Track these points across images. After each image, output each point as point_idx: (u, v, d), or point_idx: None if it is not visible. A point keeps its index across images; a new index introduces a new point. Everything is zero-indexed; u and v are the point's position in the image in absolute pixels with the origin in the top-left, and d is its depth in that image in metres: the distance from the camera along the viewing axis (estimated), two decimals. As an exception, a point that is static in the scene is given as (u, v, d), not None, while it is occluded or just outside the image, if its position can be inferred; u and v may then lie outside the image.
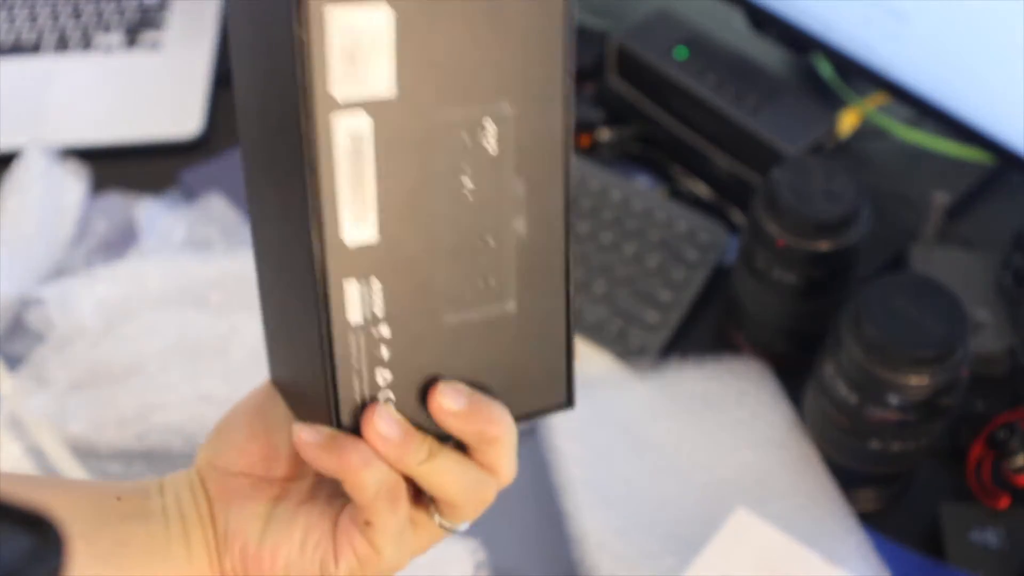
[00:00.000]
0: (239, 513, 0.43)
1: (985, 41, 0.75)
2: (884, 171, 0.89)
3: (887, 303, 0.62)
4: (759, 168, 0.83)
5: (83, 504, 0.42)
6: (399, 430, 0.39)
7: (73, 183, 0.88)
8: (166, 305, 0.80)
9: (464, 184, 0.39)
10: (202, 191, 0.89)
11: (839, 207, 0.68)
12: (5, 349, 0.80)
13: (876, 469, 0.68)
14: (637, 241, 0.83)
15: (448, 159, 0.39)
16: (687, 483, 0.71)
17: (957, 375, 0.62)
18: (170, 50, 1.03)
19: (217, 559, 0.43)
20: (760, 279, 0.72)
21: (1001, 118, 0.77)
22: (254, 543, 0.42)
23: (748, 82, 0.86)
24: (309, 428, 0.39)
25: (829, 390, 0.66)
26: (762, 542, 0.59)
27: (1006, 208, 0.87)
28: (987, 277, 0.79)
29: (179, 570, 0.42)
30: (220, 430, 0.45)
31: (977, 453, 0.71)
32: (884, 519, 0.70)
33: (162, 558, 0.42)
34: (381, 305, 0.39)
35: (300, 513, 0.42)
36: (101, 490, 0.44)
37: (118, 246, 0.86)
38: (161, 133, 0.96)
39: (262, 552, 0.42)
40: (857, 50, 0.85)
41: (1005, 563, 0.67)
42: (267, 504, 0.43)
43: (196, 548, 0.43)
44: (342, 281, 0.39)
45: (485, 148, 0.39)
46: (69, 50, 1.03)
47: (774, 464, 0.71)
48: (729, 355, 0.77)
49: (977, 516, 0.69)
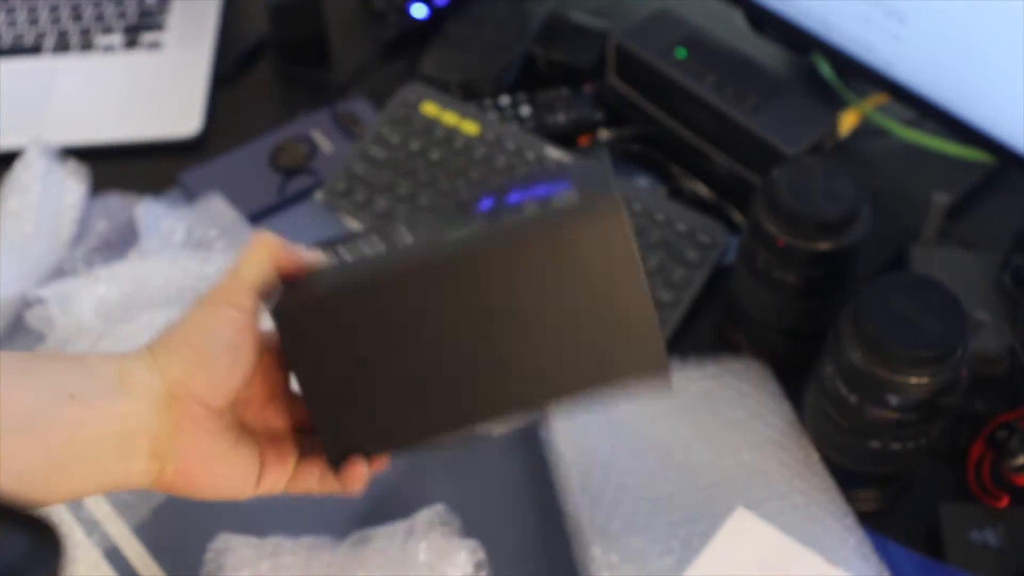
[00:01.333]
0: (194, 438, 0.50)
1: (985, 41, 0.75)
2: (884, 171, 0.89)
3: (887, 303, 0.62)
4: (759, 168, 0.83)
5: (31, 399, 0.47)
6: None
7: (73, 183, 0.88)
8: (166, 305, 0.80)
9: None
10: (202, 191, 0.89)
11: (839, 207, 0.68)
12: (5, 349, 0.80)
13: (876, 469, 0.68)
14: (637, 241, 0.83)
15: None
16: (687, 483, 0.71)
17: (957, 375, 0.62)
18: (170, 50, 1.04)
19: (158, 468, 0.50)
20: (760, 279, 0.73)
21: (1001, 118, 0.77)
22: (198, 464, 0.51)
23: (748, 82, 0.86)
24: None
25: (829, 390, 0.66)
26: (762, 542, 0.59)
27: (1006, 208, 0.87)
28: (987, 277, 0.79)
29: (123, 469, 0.49)
30: (197, 360, 0.50)
31: (977, 453, 0.71)
32: (884, 519, 0.70)
33: (112, 458, 0.48)
34: None
35: (240, 442, 0.52)
36: (56, 384, 0.48)
37: (118, 246, 0.86)
38: (161, 133, 0.96)
39: (201, 470, 0.51)
40: (857, 50, 0.85)
41: (1005, 563, 0.67)
42: (219, 433, 0.51)
43: (141, 457, 0.49)
44: None
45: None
46: (69, 51, 1.04)
47: (774, 464, 0.71)
48: (729, 355, 0.77)
49: (977, 516, 0.69)
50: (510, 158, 0.88)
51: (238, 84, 1.02)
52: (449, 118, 0.91)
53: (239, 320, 0.50)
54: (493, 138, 0.89)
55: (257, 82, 1.03)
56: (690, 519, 0.69)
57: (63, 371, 0.49)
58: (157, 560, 0.70)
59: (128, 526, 0.72)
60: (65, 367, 0.49)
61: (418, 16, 1.03)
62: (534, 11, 1.00)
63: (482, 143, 0.89)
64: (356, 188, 0.89)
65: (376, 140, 0.91)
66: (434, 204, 0.87)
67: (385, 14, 1.04)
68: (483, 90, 0.96)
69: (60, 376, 0.48)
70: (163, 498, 0.73)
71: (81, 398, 0.48)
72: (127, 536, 0.71)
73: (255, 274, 0.51)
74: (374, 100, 0.97)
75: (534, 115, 0.94)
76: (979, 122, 0.79)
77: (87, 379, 0.48)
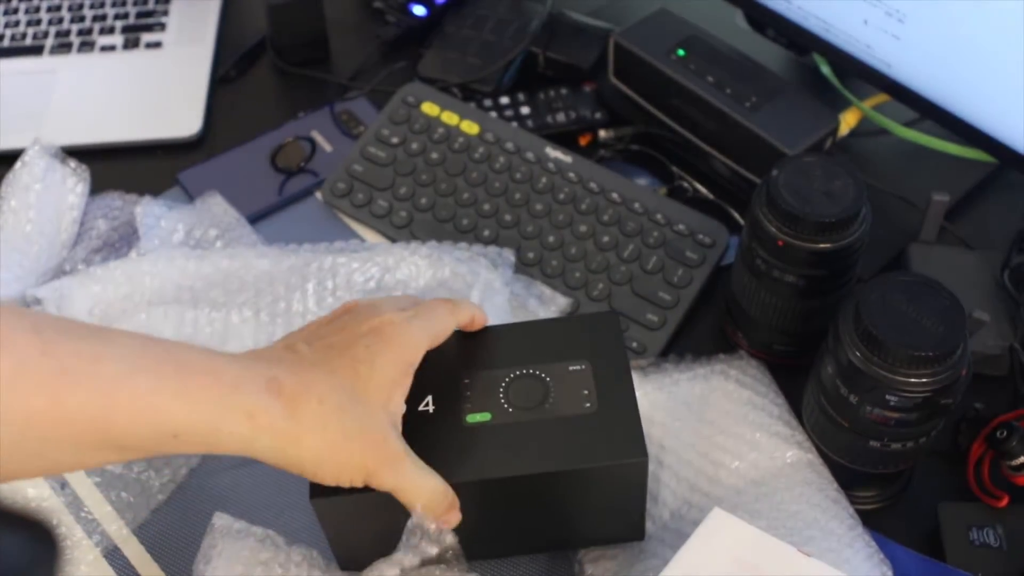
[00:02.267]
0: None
1: (985, 41, 0.75)
2: (884, 171, 0.89)
3: (886, 303, 0.62)
4: (759, 168, 0.83)
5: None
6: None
7: (73, 183, 0.88)
8: (163, 304, 0.80)
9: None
10: (201, 191, 0.89)
11: (839, 207, 0.68)
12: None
13: (876, 469, 0.68)
14: (637, 241, 0.83)
15: None
16: (686, 483, 0.71)
17: (957, 375, 0.62)
18: (170, 50, 1.04)
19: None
20: (760, 279, 0.72)
21: (1001, 118, 0.77)
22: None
23: (748, 82, 0.86)
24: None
25: (829, 390, 0.66)
26: (738, 540, 0.59)
27: (1006, 208, 0.87)
28: (987, 277, 0.79)
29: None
30: (336, 452, 0.56)
31: (977, 453, 0.71)
32: (884, 519, 0.70)
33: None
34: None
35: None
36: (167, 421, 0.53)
37: (118, 246, 0.86)
38: (161, 133, 0.96)
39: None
40: (857, 50, 0.85)
41: (1005, 563, 0.67)
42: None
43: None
44: None
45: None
46: (69, 51, 1.04)
47: (774, 464, 0.71)
48: (729, 355, 0.77)
49: (977, 516, 0.69)
50: (510, 158, 0.88)
51: (238, 84, 1.02)
52: (449, 118, 0.91)
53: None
54: (493, 138, 0.89)
55: (257, 82, 1.03)
56: (689, 519, 0.69)
57: (188, 405, 0.52)
58: (157, 560, 0.70)
59: (128, 526, 0.72)
60: (191, 402, 0.52)
61: (418, 16, 1.03)
62: (534, 11, 1.00)
63: (482, 143, 0.89)
64: (356, 188, 0.89)
65: (376, 140, 0.91)
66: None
67: (385, 14, 1.04)
68: (483, 90, 0.96)
69: (181, 412, 0.52)
70: (163, 498, 0.73)
71: (187, 437, 0.52)
72: (127, 536, 0.71)
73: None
74: (374, 100, 0.97)
75: (534, 115, 0.94)
76: (979, 122, 0.79)
77: (212, 420, 0.53)
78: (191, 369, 0.53)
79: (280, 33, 1.01)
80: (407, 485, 0.57)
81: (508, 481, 0.60)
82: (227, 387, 0.53)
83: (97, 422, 0.50)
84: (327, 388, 0.55)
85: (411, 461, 0.57)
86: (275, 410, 0.53)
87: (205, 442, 0.53)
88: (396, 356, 0.59)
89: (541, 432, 0.61)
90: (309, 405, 0.54)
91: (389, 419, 0.58)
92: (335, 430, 0.55)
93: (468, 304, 0.65)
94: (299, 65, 1.02)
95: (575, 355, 0.64)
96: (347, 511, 0.60)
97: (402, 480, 0.57)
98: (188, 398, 0.52)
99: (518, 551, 0.68)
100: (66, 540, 0.71)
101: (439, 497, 0.58)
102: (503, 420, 0.61)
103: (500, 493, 0.61)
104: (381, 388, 0.58)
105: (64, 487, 0.73)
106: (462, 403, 0.62)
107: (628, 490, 0.62)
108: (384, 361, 0.58)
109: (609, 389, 0.62)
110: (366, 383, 0.57)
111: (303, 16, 1.01)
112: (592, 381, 0.63)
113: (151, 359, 0.52)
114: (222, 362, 0.55)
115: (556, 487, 0.61)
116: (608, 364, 0.63)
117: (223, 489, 0.73)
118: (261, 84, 1.03)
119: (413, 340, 0.60)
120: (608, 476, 0.60)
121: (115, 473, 0.74)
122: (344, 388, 0.56)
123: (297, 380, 0.55)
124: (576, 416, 0.61)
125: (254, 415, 0.53)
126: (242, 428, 0.53)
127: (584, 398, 0.62)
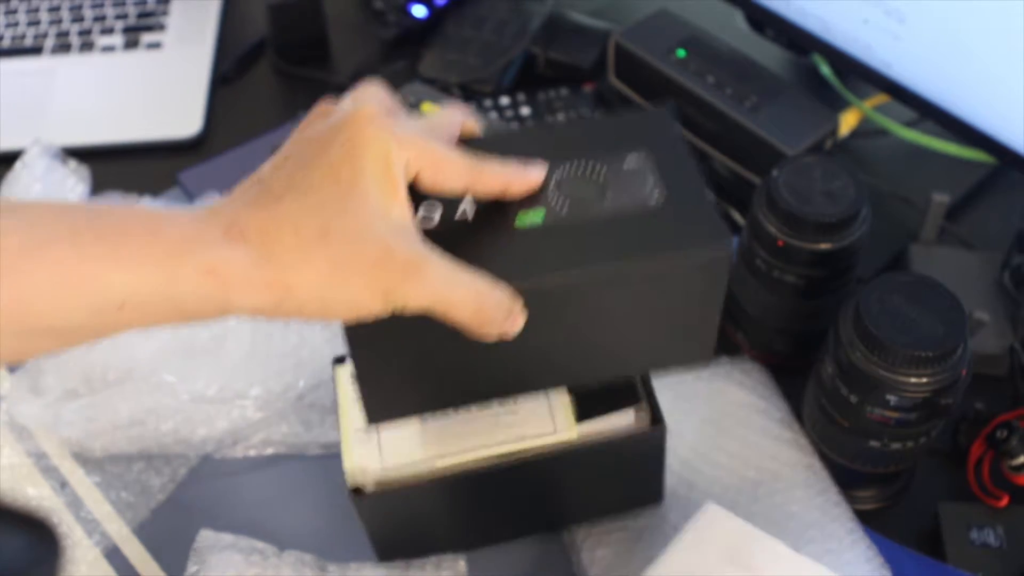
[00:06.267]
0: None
1: (985, 41, 0.75)
2: (884, 171, 0.89)
3: (887, 303, 0.62)
4: (759, 168, 0.83)
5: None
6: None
7: (73, 183, 0.88)
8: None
9: None
10: (201, 191, 0.89)
11: (839, 207, 0.68)
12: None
13: (876, 469, 0.68)
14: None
15: None
16: (686, 483, 0.71)
17: (957, 375, 0.62)
18: (170, 50, 1.04)
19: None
20: (760, 279, 0.72)
21: (1001, 118, 0.77)
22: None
23: (748, 82, 0.86)
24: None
25: (829, 390, 0.66)
26: (730, 534, 0.59)
27: (1006, 208, 0.87)
28: (987, 277, 0.79)
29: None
30: (327, 281, 0.46)
31: (977, 453, 0.71)
32: (884, 519, 0.70)
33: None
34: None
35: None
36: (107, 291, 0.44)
37: (118, 246, 0.86)
38: (161, 133, 0.96)
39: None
40: (857, 50, 0.85)
41: (1005, 563, 0.67)
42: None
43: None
44: None
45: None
46: (70, 51, 1.04)
47: (773, 463, 0.71)
48: (729, 355, 0.77)
49: (977, 516, 0.69)
50: (510, 158, 0.88)
51: (238, 84, 1.02)
52: (449, 118, 0.91)
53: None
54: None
55: (257, 82, 1.03)
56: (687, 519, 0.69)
57: (133, 278, 0.44)
58: (157, 560, 0.70)
59: (128, 526, 0.72)
60: (138, 275, 0.44)
61: (418, 16, 1.03)
62: (534, 11, 1.00)
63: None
64: (356, 188, 0.89)
65: (376, 140, 0.90)
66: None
67: (385, 14, 1.04)
68: (483, 90, 0.96)
69: (124, 283, 0.44)
70: (163, 498, 0.73)
71: (135, 308, 0.44)
72: (127, 536, 0.71)
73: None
74: (374, 100, 0.97)
75: (534, 115, 0.94)
76: (979, 122, 0.79)
77: (162, 291, 0.44)
78: (121, 230, 0.44)
79: (280, 33, 1.01)
80: (442, 292, 0.46)
81: (578, 281, 0.50)
82: (173, 242, 0.44)
83: (10, 305, 0.43)
84: (302, 213, 0.45)
85: (437, 263, 0.46)
86: (241, 258, 0.44)
87: (161, 311, 0.45)
88: (384, 147, 0.47)
89: (607, 228, 0.51)
90: (283, 240, 0.45)
91: (392, 226, 0.46)
92: (323, 259, 0.45)
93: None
94: (299, 65, 1.02)
95: (631, 147, 0.54)
96: (389, 355, 0.51)
97: (432, 288, 0.46)
98: (123, 262, 0.44)
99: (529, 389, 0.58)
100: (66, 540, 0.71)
101: (490, 298, 0.47)
102: (559, 221, 0.51)
103: (566, 301, 0.51)
104: (372, 192, 0.46)
105: (64, 487, 0.73)
106: (506, 205, 0.52)
107: (697, 290, 0.53)
108: (370, 156, 0.46)
109: (674, 179, 0.53)
110: (350, 190, 0.46)
111: (303, 16, 1.01)
112: (655, 171, 0.53)
113: (66, 227, 0.44)
114: (164, 219, 0.46)
115: (629, 288, 0.51)
116: (669, 153, 0.54)
117: (223, 489, 0.73)
118: (261, 84, 1.03)
119: (403, 127, 0.48)
120: (688, 268, 0.52)
121: (115, 473, 0.74)
122: (325, 205, 0.45)
123: (264, 216, 0.45)
124: (643, 208, 0.52)
125: (215, 269, 0.44)
126: (204, 287, 0.44)
127: (649, 190, 0.53)
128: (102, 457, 0.74)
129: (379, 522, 0.64)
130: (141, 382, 0.75)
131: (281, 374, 0.76)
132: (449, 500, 0.64)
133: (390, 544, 0.66)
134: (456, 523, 0.67)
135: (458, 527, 0.67)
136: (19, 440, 0.75)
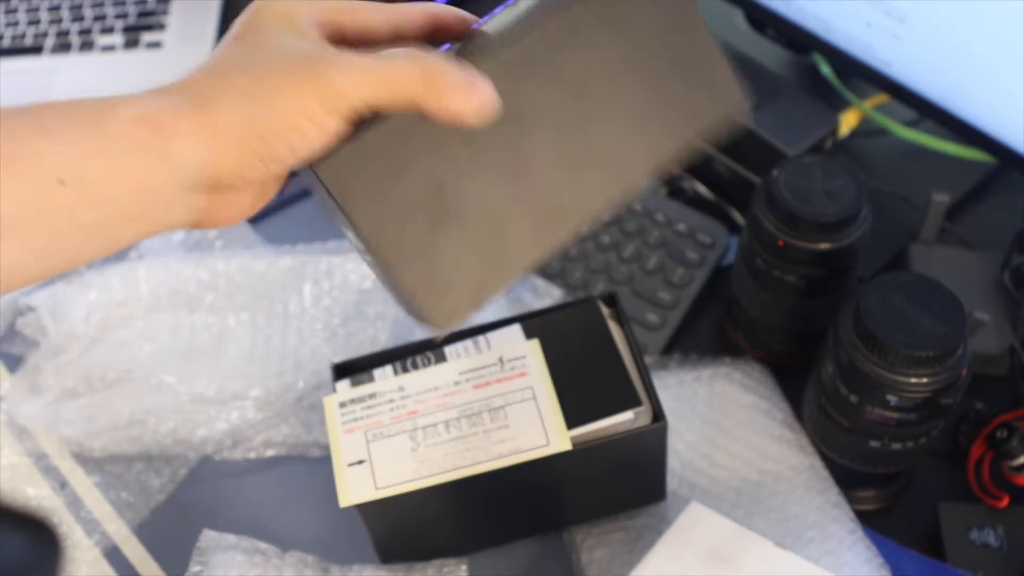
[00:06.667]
0: (224, 211, 0.48)
1: (985, 41, 0.75)
2: (884, 171, 0.89)
3: (887, 303, 0.62)
4: (759, 168, 0.83)
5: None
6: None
7: (73, 183, 0.88)
8: (159, 308, 0.79)
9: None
10: (202, 191, 0.89)
11: (839, 207, 0.68)
12: (4, 352, 0.80)
13: (876, 469, 0.68)
14: (637, 241, 0.83)
15: None
16: (686, 483, 0.71)
17: (957, 375, 0.62)
18: (170, 50, 1.04)
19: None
20: (760, 279, 0.72)
21: (1001, 118, 0.77)
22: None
23: (748, 82, 0.85)
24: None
25: (829, 390, 0.66)
26: (714, 533, 0.59)
27: (1006, 208, 0.87)
28: (987, 277, 0.79)
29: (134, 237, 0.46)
30: (258, 155, 0.45)
31: (977, 453, 0.71)
32: (884, 519, 0.70)
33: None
34: None
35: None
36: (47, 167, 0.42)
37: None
38: (161, 133, 0.96)
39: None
40: (857, 50, 0.85)
41: (1005, 563, 0.67)
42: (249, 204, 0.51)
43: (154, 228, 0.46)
44: None
45: None
46: (70, 51, 1.04)
47: (774, 464, 0.71)
48: (729, 355, 0.77)
49: (977, 516, 0.69)
50: (510, 158, 0.88)
51: (238, 84, 1.02)
52: (449, 118, 0.90)
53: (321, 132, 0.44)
54: (493, 138, 0.89)
55: (257, 82, 1.03)
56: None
57: (64, 145, 0.42)
58: (157, 560, 0.70)
59: (128, 526, 0.72)
60: (68, 140, 0.42)
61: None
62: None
63: (482, 143, 0.89)
64: (356, 188, 0.88)
65: (376, 140, 0.90)
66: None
67: (385, 14, 1.04)
68: (483, 90, 0.96)
69: (56, 152, 0.42)
70: (163, 498, 0.73)
71: (77, 182, 0.42)
72: (127, 536, 0.71)
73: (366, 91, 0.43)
74: (374, 100, 0.97)
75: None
76: (979, 122, 0.79)
77: (97, 154, 0.42)
78: (47, 108, 0.43)
79: (280, 33, 1.01)
80: (376, 68, 0.43)
81: (536, 37, 0.45)
82: (98, 105, 0.44)
83: None
84: (217, 65, 0.46)
85: (363, 55, 0.44)
86: (167, 104, 0.45)
87: (104, 182, 0.43)
88: (285, 7, 0.47)
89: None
90: (201, 83, 0.46)
91: (308, 42, 0.45)
92: (241, 78, 0.45)
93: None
94: (299, 65, 1.02)
95: None
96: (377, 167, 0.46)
97: (363, 67, 0.43)
98: (52, 132, 0.42)
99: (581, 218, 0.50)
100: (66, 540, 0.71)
101: (433, 64, 0.43)
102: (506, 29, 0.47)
103: (533, 64, 0.46)
104: (282, 36, 0.46)
105: (64, 487, 0.73)
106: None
107: (671, 23, 0.50)
108: (272, 15, 0.47)
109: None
110: (263, 41, 0.46)
111: (303, 16, 1.00)
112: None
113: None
114: (87, 98, 0.45)
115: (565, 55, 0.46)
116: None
117: (224, 489, 0.73)
118: (261, 84, 1.02)
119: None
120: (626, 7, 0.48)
121: (115, 473, 0.74)
122: (240, 55, 0.46)
123: (184, 77, 0.46)
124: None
125: (144, 118, 0.44)
126: (138, 139, 0.43)
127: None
128: (102, 457, 0.74)
129: (381, 525, 0.64)
130: (141, 382, 0.75)
131: (281, 375, 0.76)
132: (451, 505, 0.64)
133: (392, 546, 0.66)
134: (458, 527, 0.67)
135: (460, 530, 0.68)
136: (19, 440, 0.75)
